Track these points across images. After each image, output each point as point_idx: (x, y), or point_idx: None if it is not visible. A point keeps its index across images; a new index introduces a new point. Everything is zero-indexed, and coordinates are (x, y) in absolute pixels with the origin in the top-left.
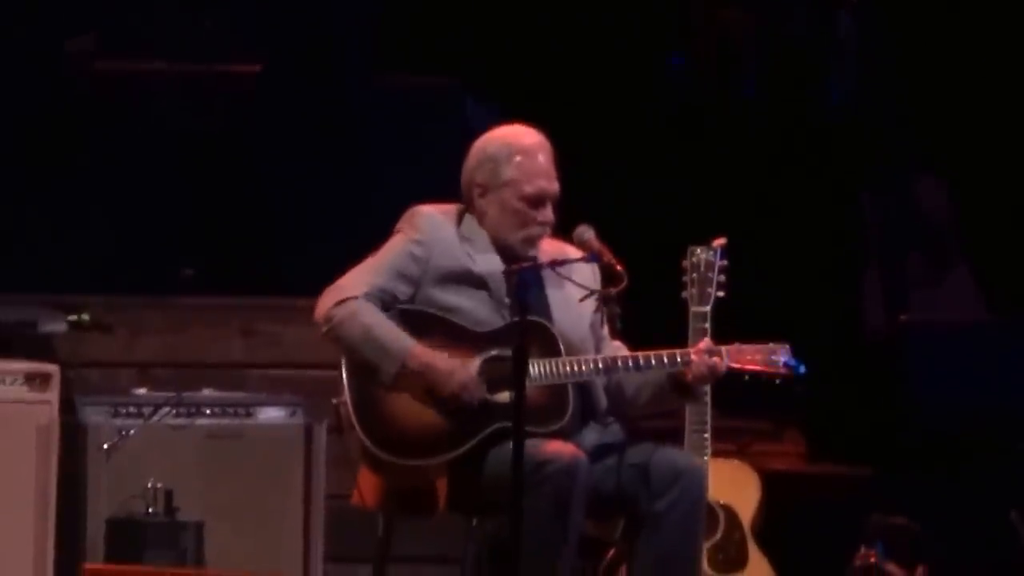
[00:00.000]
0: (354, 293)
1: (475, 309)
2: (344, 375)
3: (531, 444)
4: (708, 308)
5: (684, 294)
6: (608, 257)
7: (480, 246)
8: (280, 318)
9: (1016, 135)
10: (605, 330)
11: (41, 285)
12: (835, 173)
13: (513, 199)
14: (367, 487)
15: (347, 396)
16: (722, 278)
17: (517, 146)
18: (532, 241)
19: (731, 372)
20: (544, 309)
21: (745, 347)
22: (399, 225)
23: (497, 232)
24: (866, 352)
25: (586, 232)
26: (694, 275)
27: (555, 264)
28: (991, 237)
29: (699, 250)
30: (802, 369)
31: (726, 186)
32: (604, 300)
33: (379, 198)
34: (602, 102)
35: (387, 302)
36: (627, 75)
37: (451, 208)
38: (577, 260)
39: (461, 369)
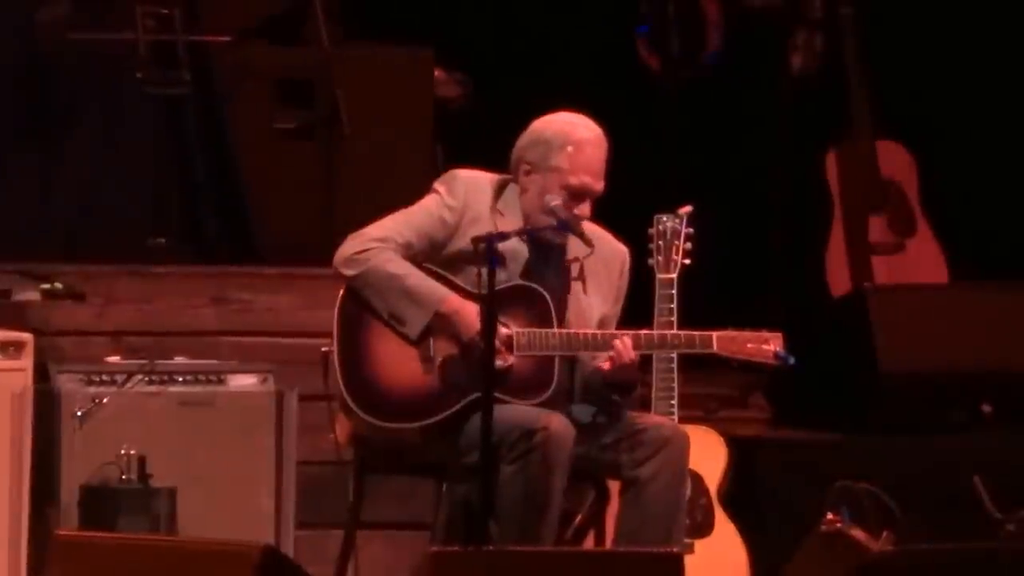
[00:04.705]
0: (382, 243)
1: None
2: (336, 326)
3: (520, 411)
4: (675, 276)
5: (650, 262)
6: (577, 226)
7: (511, 221)
8: (252, 286)
9: (980, 102)
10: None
11: (14, 254)
12: (799, 138)
13: (555, 187)
14: (343, 433)
15: (335, 347)
16: (688, 245)
17: (573, 136)
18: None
19: (720, 359)
20: (552, 286)
21: (737, 335)
22: (436, 184)
23: (531, 212)
24: (831, 317)
25: (553, 200)
26: (660, 243)
27: (524, 232)
28: (954, 203)
29: (665, 218)
30: (792, 360)
31: (691, 153)
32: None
33: (349, 167)
34: (569, 71)
35: (408, 257)
36: (594, 44)
37: (493, 177)
38: (546, 228)
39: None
